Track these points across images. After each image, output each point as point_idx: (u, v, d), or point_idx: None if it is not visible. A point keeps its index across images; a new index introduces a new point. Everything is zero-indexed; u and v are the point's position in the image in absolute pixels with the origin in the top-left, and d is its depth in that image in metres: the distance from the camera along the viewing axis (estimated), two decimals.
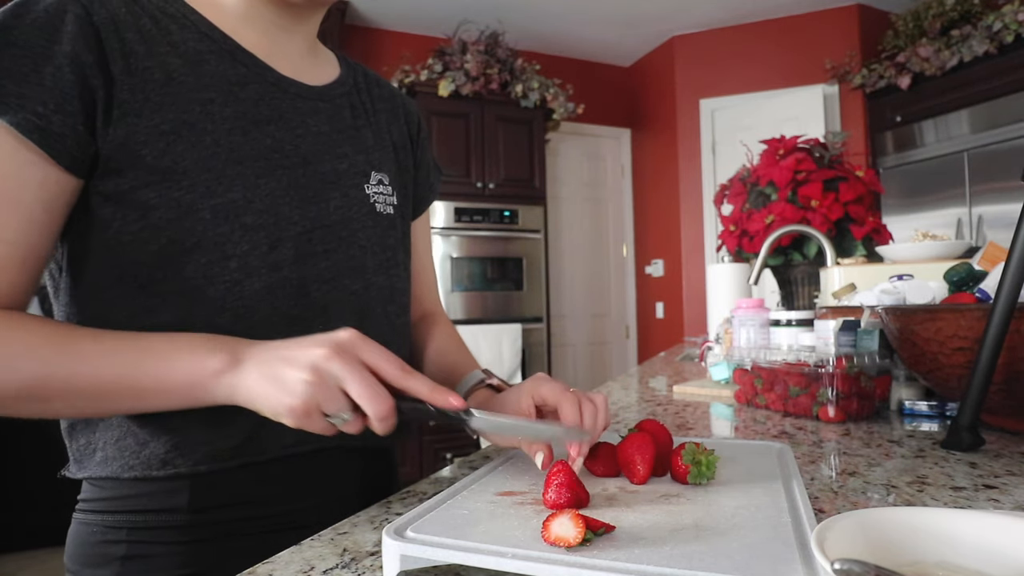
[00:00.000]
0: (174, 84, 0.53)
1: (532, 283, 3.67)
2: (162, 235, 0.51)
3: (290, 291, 0.57)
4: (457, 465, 0.67)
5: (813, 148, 1.67)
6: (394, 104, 0.76)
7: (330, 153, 0.62)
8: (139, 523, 0.54)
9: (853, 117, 3.63)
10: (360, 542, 0.45)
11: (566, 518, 0.36)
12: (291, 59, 0.63)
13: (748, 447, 0.60)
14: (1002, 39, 2.95)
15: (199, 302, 0.53)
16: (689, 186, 4.02)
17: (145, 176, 0.51)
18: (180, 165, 0.52)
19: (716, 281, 1.75)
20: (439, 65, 3.43)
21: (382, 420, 0.44)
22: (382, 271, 0.66)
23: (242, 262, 0.54)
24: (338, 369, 0.43)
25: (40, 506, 2.60)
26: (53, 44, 0.47)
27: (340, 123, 0.65)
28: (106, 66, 0.49)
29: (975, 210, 3.10)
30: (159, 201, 0.51)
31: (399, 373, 0.45)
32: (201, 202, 0.52)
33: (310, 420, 0.44)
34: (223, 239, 0.53)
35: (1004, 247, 0.77)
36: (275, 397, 0.44)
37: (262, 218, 0.55)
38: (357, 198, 0.64)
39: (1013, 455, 0.64)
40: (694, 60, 4.01)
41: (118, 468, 0.54)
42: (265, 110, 0.58)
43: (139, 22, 0.53)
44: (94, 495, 0.56)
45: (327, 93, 0.66)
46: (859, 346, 0.91)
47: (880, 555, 0.29)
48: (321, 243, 0.60)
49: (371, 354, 0.45)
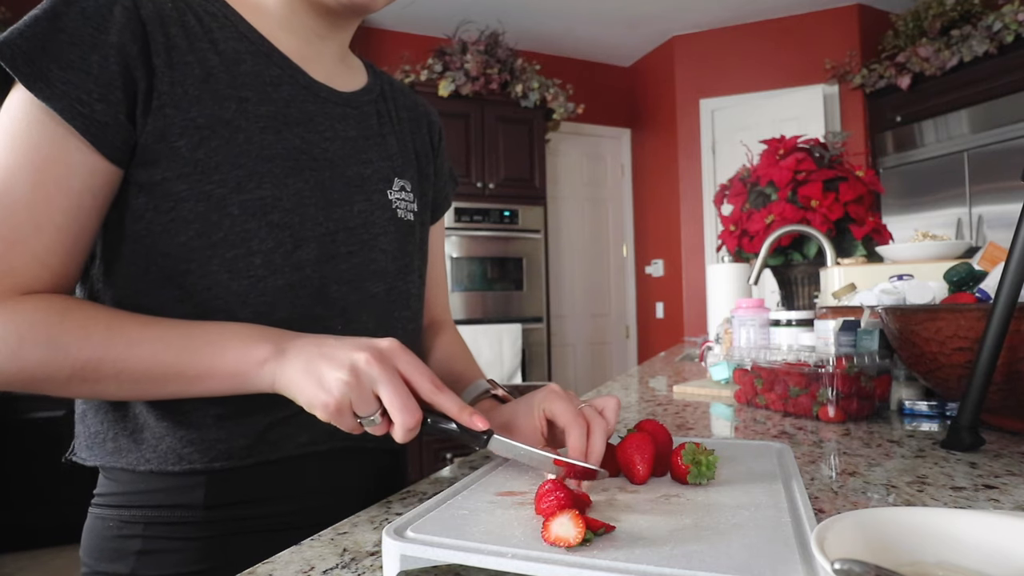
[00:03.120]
0: (212, 80, 0.54)
1: (532, 283, 3.67)
2: (190, 227, 0.52)
3: (311, 290, 0.58)
4: (457, 465, 0.67)
5: (813, 148, 1.67)
6: (417, 113, 0.78)
7: (356, 158, 0.64)
8: (155, 518, 0.55)
9: (853, 117, 3.63)
10: (360, 542, 0.45)
11: (566, 518, 0.35)
12: (324, 65, 0.65)
13: (748, 447, 0.60)
14: (1002, 39, 2.95)
15: (222, 296, 0.54)
16: (689, 186, 4.02)
17: (178, 168, 0.52)
18: (212, 160, 0.53)
19: (716, 281, 1.75)
20: (439, 65, 3.43)
21: (408, 431, 0.45)
22: (400, 276, 0.67)
23: (266, 259, 0.55)
24: (376, 374, 0.45)
25: (40, 506, 2.60)
26: (101, 34, 0.48)
27: (367, 129, 0.67)
28: (149, 58, 0.51)
29: (975, 210, 3.10)
30: (189, 193, 0.52)
31: (431, 388, 0.47)
32: (230, 197, 0.53)
33: (341, 418, 0.45)
34: (249, 235, 0.54)
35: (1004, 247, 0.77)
36: (312, 391, 0.45)
37: (288, 217, 0.56)
38: (380, 203, 0.65)
39: (1013, 455, 0.64)
40: (694, 60, 4.01)
41: (134, 460, 0.55)
42: (296, 112, 0.60)
43: (183, 18, 0.54)
44: (110, 489, 0.57)
45: (355, 100, 0.67)
46: (859, 346, 0.91)
47: (880, 555, 0.29)
48: (344, 245, 0.61)
49: (408, 365, 0.47)
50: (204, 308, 0.54)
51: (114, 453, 0.55)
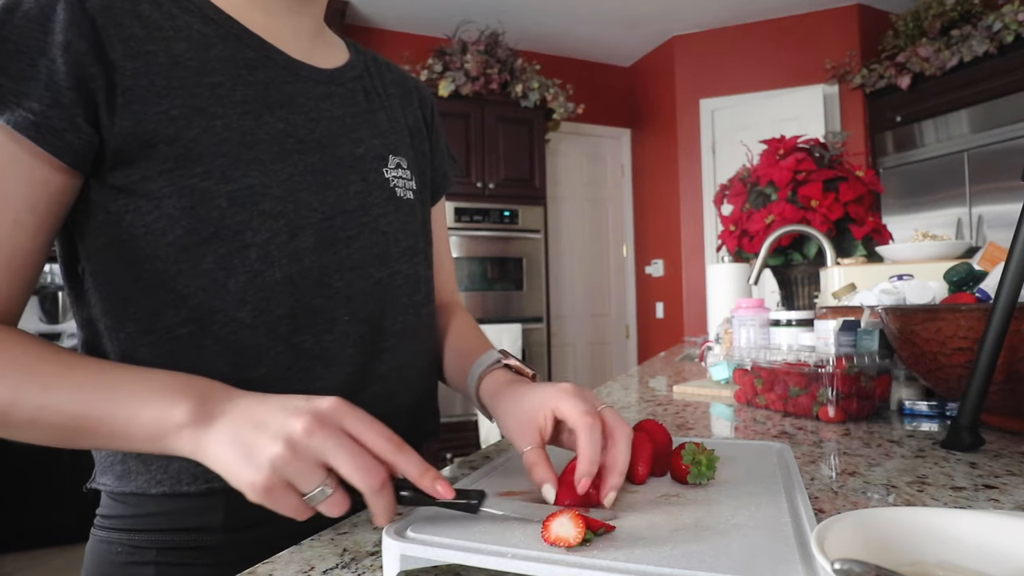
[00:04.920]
0: (180, 68, 0.51)
1: (532, 283, 3.67)
2: (177, 225, 0.49)
3: (312, 281, 0.55)
4: (457, 465, 0.67)
5: (813, 148, 1.67)
6: (406, 88, 0.73)
7: (346, 137, 0.60)
8: (169, 542, 0.51)
9: (853, 117, 3.63)
10: (360, 542, 0.45)
11: (566, 518, 0.35)
12: (300, 42, 0.61)
13: (748, 447, 0.60)
14: (1002, 39, 2.95)
15: (218, 296, 0.51)
16: (689, 186, 4.02)
17: (157, 165, 0.49)
18: (193, 151, 0.50)
19: (716, 281, 1.75)
20: (439, 65, 3.44)
21: (376, 493, 0.39)
22: (405, 258, 0.63)
23: (262, 251, 0.52)
24: (319, 443, 0.38)
25: (40, 506, 2.60)
26: (46, 35, 0.45)
27: (354, 107, 0.63)
28: (104, 53, 0.47)
29: (975, 210, 3.10)
30: (171, 189, 0.49)
31: (388, 447, 0.40)
32: (216, 188, 0.50)
33: (274, 498, 0.39)
34: (241, 227, 0.51)
35: (1004, 247, 0.77)
36: (236, 467, 0.39)
37: (281, 204, 0.53)
38: (377, 182, 0.61)
39: (1013, 455, 0.64)
40: (694, 60, 4.01)
41: (144, 483, 0.52)
42: (276, 94, 0.56)
43: (137, 7, 0.51)
44: (117, 511, 0.53)
45: (339, 76, 0.63)
46: (859, 346, 0.91)
47: (880, 555, 0.29)
48: (343, 230, 0.57)
49: (358, 424, 0.40)
50: (200, 310, 0.51)
51: (123, 477, 0.52)
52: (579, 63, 4.38)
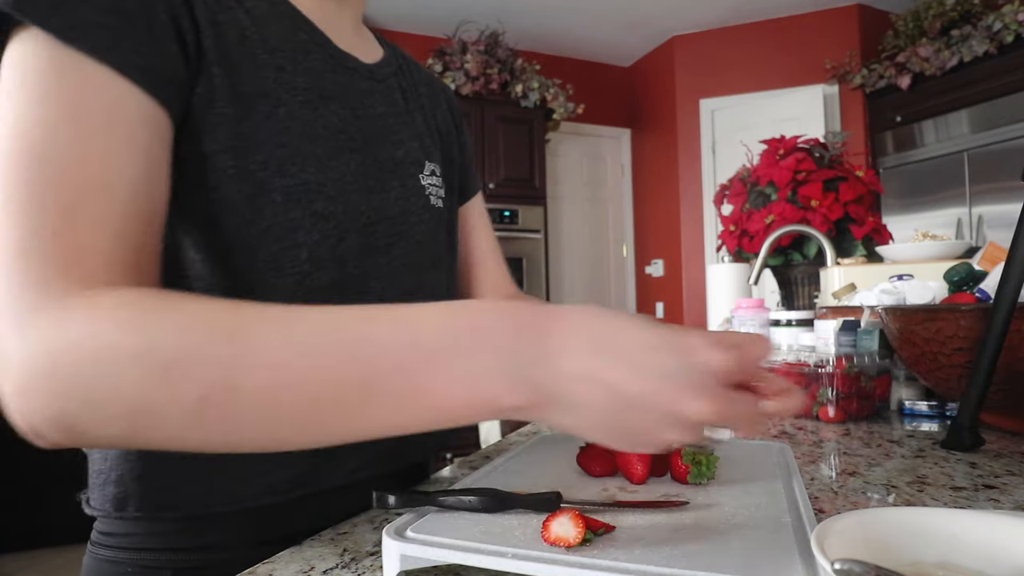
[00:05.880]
0: (247, 43, 0.47)
1: (532, 283, 3.66)
2: (236, 213, 0.45)
3: (354, 288, 0.51)
4: (457, 465, 0.67)
5: (813, 148, 1.67)
6: (434, 89, 0.71)
7: (388, 139, 0.57)
8: (187, 563, 0.47)
9: (853, 117, 3.63)
10: (360, 542, 0.45)
11: (566, 518, 0.35)
12: (344, 33, 0.58)
13: (748, 447, 0.60)
14: (1002, 39, 2.95)
15: (264, 296, 0.46)
16: (689, 186, 4.02)
17: (225, 139, 0.44)
18: (255, 136, 0.46)
19: (716, 281, 1.75)
20: (439, 65, 3.44)
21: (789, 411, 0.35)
22: (434, 269, 0.61)
23: (312, 253, 0.48)
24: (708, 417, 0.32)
25: (40, 506, 2.60)
26: None
27: (394, 106, 0.60)
28: (192, 10, 0.44)
29: (975, 210, 3.10)
30: (236, 171, 0.45)
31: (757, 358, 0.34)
32: (272, 181, 0.46)
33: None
34: (295, 225, 0.47)
35: (1004, 247, 0.77)
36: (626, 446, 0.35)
37: (332, 206, 0.49)
38: (414, 189, 0.58)
39: (1013, 455, 0.64)
40: (694, 60, 4.01)
41: (149, 507, 0.46)
42: (329, 84, 0.52)
43: None
44: (124, 529, 0.48)
45: (379, 72, 0.60)
46: (859, 346, 0.91)
47: (880, 555, 0.29)
48: (384, 237, 0.54)
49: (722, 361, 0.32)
50: None
51: (118, 500, 0.47)
52: (579, 63, 4.38)
